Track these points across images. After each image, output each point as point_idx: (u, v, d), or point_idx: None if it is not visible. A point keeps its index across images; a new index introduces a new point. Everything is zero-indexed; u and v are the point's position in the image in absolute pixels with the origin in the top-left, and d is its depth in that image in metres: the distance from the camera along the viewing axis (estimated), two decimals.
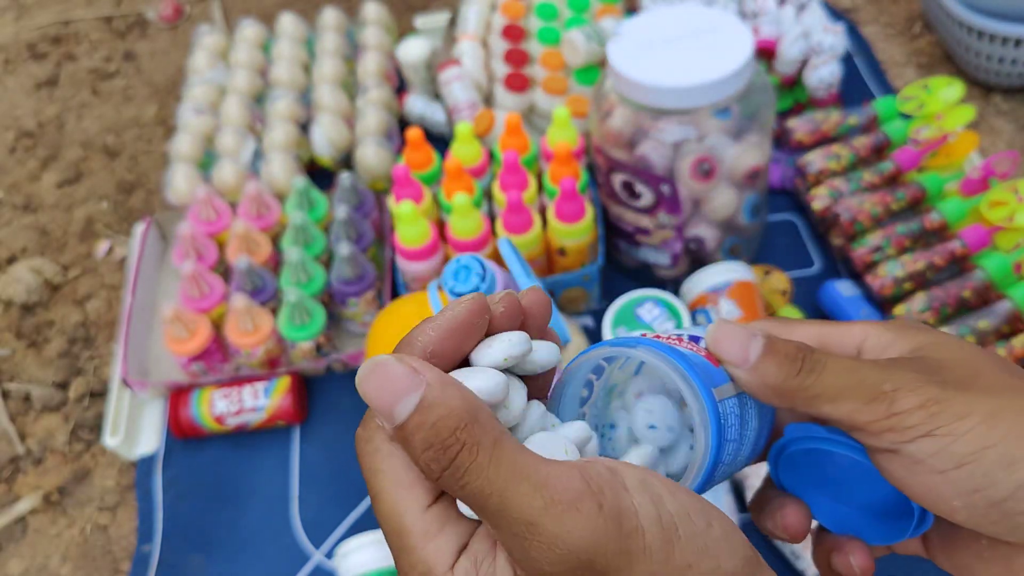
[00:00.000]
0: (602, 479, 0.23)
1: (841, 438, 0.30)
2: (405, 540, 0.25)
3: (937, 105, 0.86)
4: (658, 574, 0.23)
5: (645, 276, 0.86)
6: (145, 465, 0.82)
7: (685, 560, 0.23)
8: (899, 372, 0.29)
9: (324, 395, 0.84)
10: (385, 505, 0.25)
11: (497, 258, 0.78)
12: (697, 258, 0.83)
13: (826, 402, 0.29)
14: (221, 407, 0.80)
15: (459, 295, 0.56)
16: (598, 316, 0.84)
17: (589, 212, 0.78)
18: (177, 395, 0.81)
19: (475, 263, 0.57)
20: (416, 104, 1.04)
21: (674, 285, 0.85)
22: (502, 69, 0.98)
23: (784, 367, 0.29)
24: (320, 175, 1.01)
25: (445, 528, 0.25)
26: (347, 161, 1.01)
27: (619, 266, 0.88)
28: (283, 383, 0.81)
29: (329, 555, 0.74)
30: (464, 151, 0.85)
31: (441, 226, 0.84)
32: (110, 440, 0.81)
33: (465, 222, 0.76)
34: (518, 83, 0.95)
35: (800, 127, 0.90)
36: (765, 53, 0.95)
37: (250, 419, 0.80)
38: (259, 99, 1.06)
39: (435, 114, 1.02)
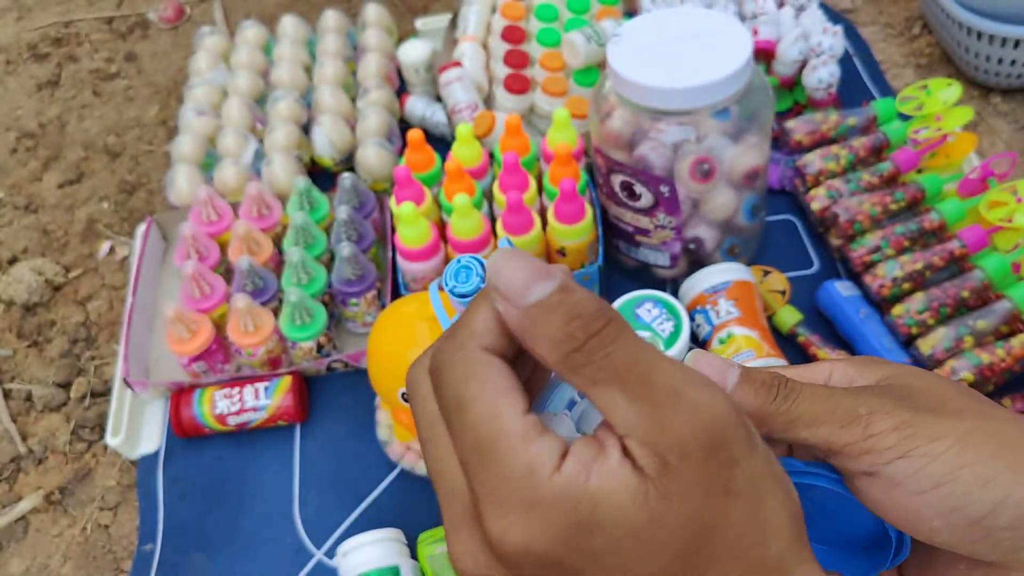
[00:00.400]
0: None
1: (819, 470, 0.30)
2: (503, 444, 0.24)
3: (936, 106, 0.86)
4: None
5: (644, 276, 0.87)
6: (146, 465, 0.82)
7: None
8: (872, 398, 0.30)
9: (325, 395, 0.84)
10: (480, 410, 0.24)
11: None
12: (696, 258, 0.83)
13: (803, 427, 0.30)
14: (223, 407, 0.80)
15: (460, 295, 0.56)
16: None
17: (588, 213, 0.78)
18: (179, 395, 0.82)
19: (476, 263, 0.58)
20: (417, 105, 1.04)
21: (673, 285, 0.86)
22: (502, 71, 0.98)
23: (761, 393, 0.30)
24: (321, 176, 1.01)
25: (545, 434, 0.24)
26: (348, 162, 1.01)
27: (618, 266, 0.88)
28: (284, 383, 0.81)
29: (330, 554, 0.74)
30: (464, 152, 0.85)
31: (442, 227, 0.84)
32: (111, 440, 0.82)
33: (465, 223, 0.77)
34: (518, 84, 0.95)
35: (799, 128, 0.91)
36: (764, 54, 0.95)
37: (251, 418, 0.80)
38: (260, 100, 1.07)
39: (436, 115, 1.02)
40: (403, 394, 0.67)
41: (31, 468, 0.85)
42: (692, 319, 0.78)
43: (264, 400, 0.80)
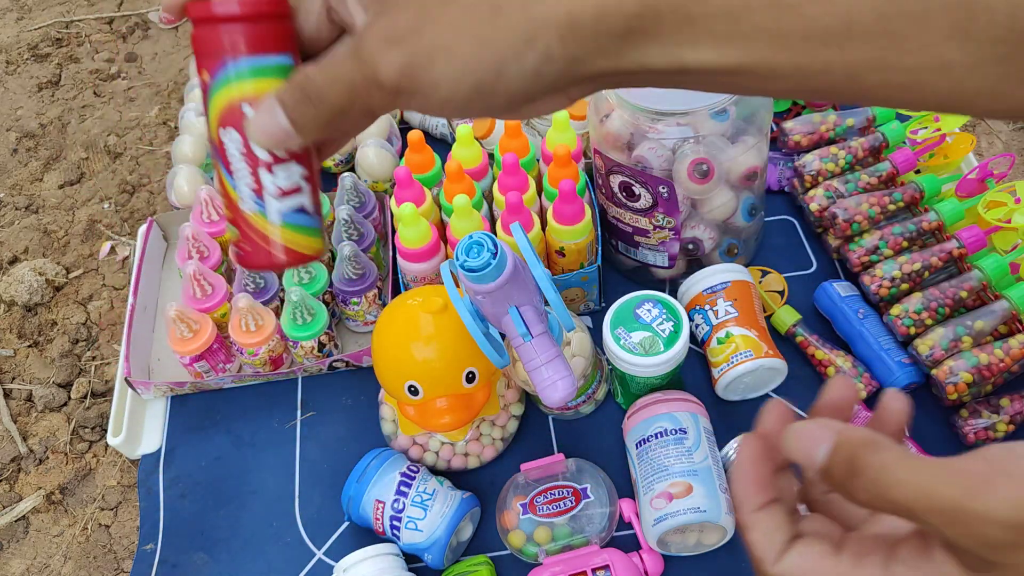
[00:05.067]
0: (1000, 455, 0.25)
1: None
2: None
3: None
4: None
5: (642, 276, 0.87)
6: (147, 464, 0.82)
7: None
8: None
9: (326, 394, 0.84)
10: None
11: None
12: (694, 259, 0.83)
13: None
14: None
15: (471, 270, 0.57)
16: (597, 316, 0.85)
17: (588, 214, 0.79)
18: None
19: (487, 239, 0.58)
20: None
21: (671, 285, 0.86)
22: None
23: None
24: (322, 176, 1.01)
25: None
26: (348, 163, 1.01)
27: (617, 267, 0.89)
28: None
29: (330, 554, 0.74)
30: (464, 153, 0.85)
31: (442, 227, 0.84)
32: (112, 440, 0.82)
33: (465, 223, 0.77)
34: None
35: (797, 129, 0.91)
36: None
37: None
38: None
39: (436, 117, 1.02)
40: (410, 387, 0.67)
41: (32, 468, 0.85)
42: (691, 319, 0.78)
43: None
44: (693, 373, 0.79)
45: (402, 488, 0.70)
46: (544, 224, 0.81)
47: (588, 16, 0.28)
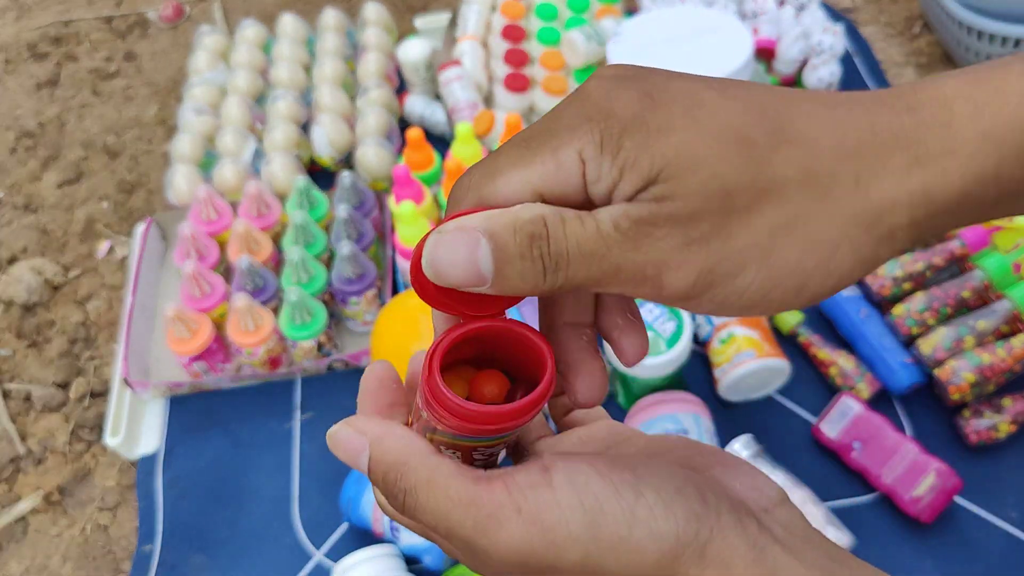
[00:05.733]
0: (525, 483, 0.24)
1: None
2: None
3: None
4: (591, 554, 0.23)
5: None
6: (146, 465, 0.82)
7: (616, 533, 0.23)
8: None
9: (325, 395, 0.84)
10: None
11: None
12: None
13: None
14: None
15: None
16: None
17: None
18: None
19: None
20: (416, 104, 1.04)
21: None
22: (502, 69, 0.98)
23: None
24: (321, 175, 1.01)
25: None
26: (348, 161, 1.01)
27: None
28: None
29: (330, 555, 0.74)
30: (464, 151, 0.85)
31: None
32: (111, 440, 0.81)
33: None
34: (518, 83, 0.95)
35: None
36: (765, 53, 0.95)
37: None
38: (260, 99, 1.07)
39: (435, 114, 1.02)
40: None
41: (30, 468, 0.85)
42: (693, 319, 0.78)
43: None
44: (695, 373, 0.79)
45: None
46: None
47: (954, 191, 0.23)
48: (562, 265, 0.23)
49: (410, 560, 0.71)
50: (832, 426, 0.72)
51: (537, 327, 0.27)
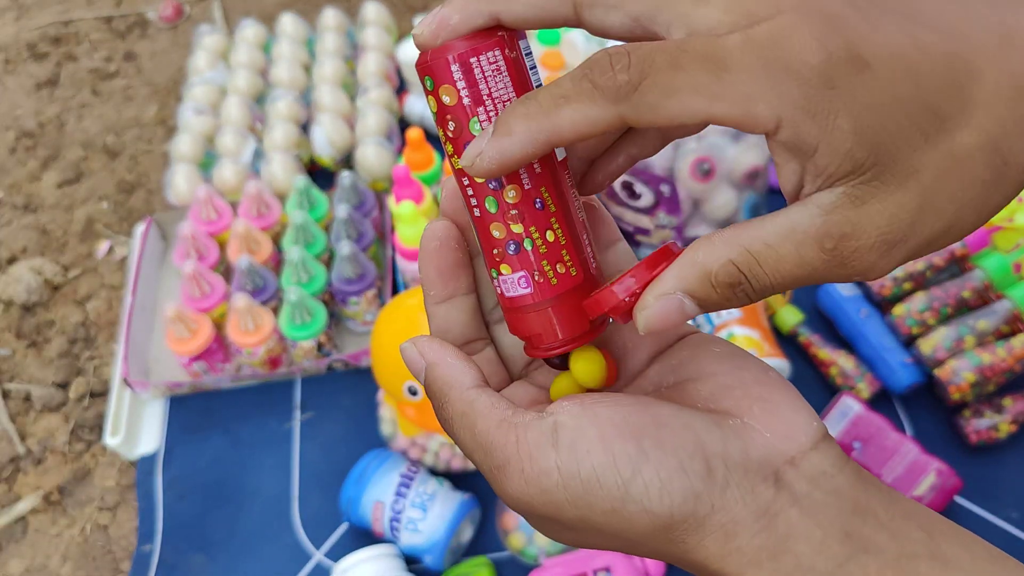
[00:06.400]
0: (533, 443, 0.25)
1: None
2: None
3: None
4: (586, 516, 0.25)
5: None
6: (145, 465, 0.82)
7: (609, 505, 0.24)
8: None
9: (325, 395, 0.84)
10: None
11: None
12: None
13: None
14: None
15: None
16: None
17: None
18: None
19: None
20: (416, 104, 1.04)
21: None
22: None
23: None
24: (320, 175, 1.01)
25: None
26: (347, 161, 1.01)
27: None
28: None
29: (330, 555, 0.74)
30: None
31: None
32: (110, 440, 0.81)
33: None
34: None
35: None
36: None
37: None
38: (259, 99, 1.07)
39: None
40: (409, 388, 0.67)
41: (30, 468, 0.85)
42: (693, 320, 0.78)
43: None
44: None
45: (401, 489, 0.69)
46: None
47: None
48: (768, 289, 0.24)
49: (410, 560, 0.71)
50: (832, 426, 0.72)
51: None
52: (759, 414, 0.26)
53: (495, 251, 0.27)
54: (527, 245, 0.27)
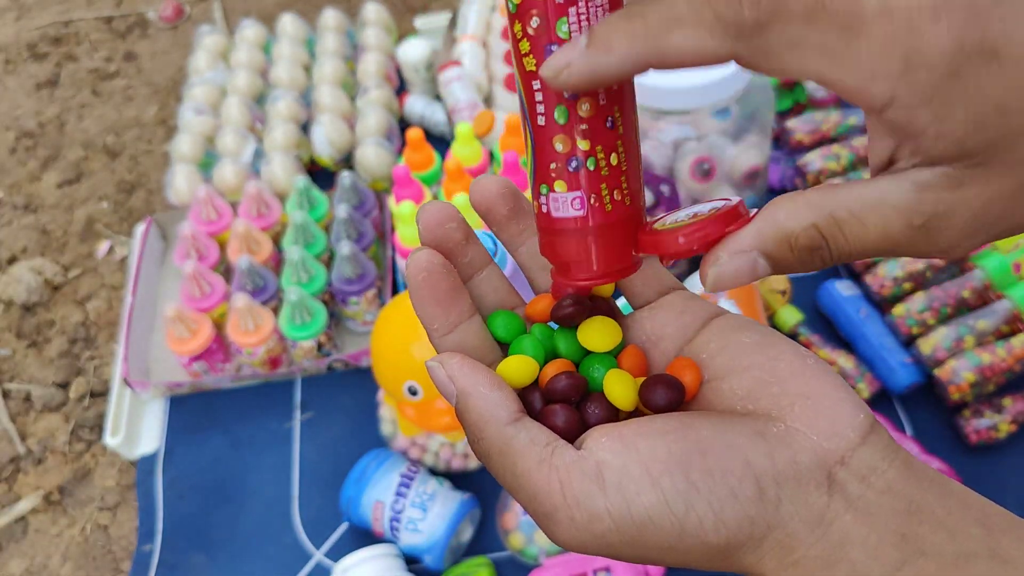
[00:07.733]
0: (580, 489, 0.24)
1: None
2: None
3: None
4: (642, 555, 0.24)
5: None
6: (146, 465, 0.82)
7: (666, 542, 0.24)
8: None
9: (325, 395, 0.84)
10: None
11: None
12: (696, 258, 0.83)
13: None
14: None
15: None
16: None
17: None
18: None
19: (487, 237, 0.58)
20: (416, 104, 1.04)
21: None
22: (502, 69, 0.98)
23: None
24: (320, 175, 1.01)
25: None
26: (347, 161, 1.01)
27: None
28: None
29: (329, 555, 0.74)
30: (464, 151, 0.85)
31: None
32: (111, 440, 0.81)
33: None
34: None
35: (800, 127, 0.91)
36: None
37: None
38: (260, 99, 1.07)
39: (435, 114, 1.02)
40: (409, 388, 0.67)
41: (30, 468, 0.85)
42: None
43: None
44: None
45: (401, 489, 0.69)
46: None
47: None
48: (846, 256, 0.23)
49: (410, 560, 0.71)
50: None
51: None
52: (800, 414, 0.25)
53: (553, 165, 0.25)
54: (590, 164, 0.25)
